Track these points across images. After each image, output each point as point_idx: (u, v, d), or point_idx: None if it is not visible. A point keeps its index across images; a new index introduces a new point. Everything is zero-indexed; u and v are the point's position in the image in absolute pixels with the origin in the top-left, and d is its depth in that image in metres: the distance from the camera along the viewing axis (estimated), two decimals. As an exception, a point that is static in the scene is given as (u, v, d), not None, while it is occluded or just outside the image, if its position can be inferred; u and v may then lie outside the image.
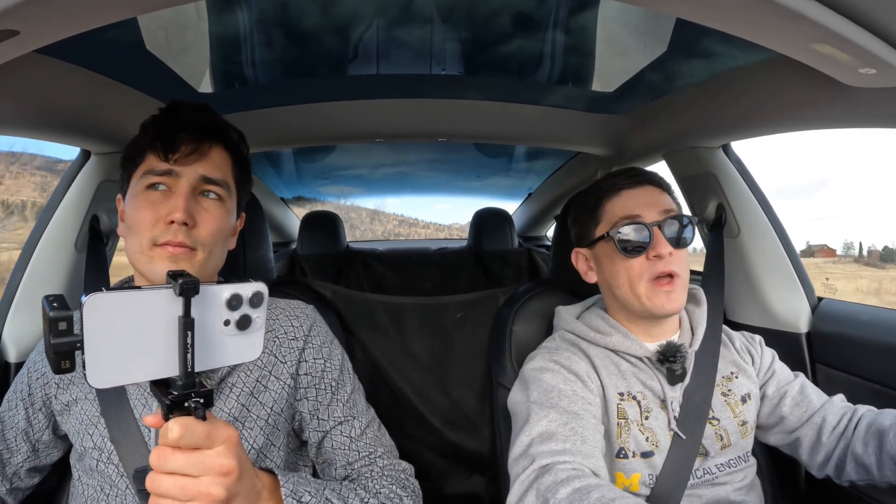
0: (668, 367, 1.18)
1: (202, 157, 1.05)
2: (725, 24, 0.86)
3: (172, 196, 1.02)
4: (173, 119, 1.06)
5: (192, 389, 0.64)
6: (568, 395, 1.09)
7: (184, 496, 0.65)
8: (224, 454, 0.67)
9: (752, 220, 1.65)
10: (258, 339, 0.70)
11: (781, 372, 1.28)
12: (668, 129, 1.75)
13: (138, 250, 1.01)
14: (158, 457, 0.65)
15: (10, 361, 1.41)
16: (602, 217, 1.23)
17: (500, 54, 1.61)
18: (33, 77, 1.14)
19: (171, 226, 0.99)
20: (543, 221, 3.78)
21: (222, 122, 1.12)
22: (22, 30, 0.76)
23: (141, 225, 1.01)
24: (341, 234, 3.12)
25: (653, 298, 1.15)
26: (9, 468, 1.12)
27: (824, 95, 1.13)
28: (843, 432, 1.15)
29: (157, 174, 1.02)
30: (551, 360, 1.18)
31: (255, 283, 0.67)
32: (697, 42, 1.33)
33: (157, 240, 1.00)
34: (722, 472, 1.16)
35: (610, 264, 1.21)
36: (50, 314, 0.57)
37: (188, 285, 0.60)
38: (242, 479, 0.71)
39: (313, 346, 1.17)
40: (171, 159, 1.02)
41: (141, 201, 1.02)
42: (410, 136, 2.15)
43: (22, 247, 1.51)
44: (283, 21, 1.40)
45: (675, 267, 1.14)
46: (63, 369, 0.58)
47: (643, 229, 1.15)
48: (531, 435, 1.03)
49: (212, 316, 0.65)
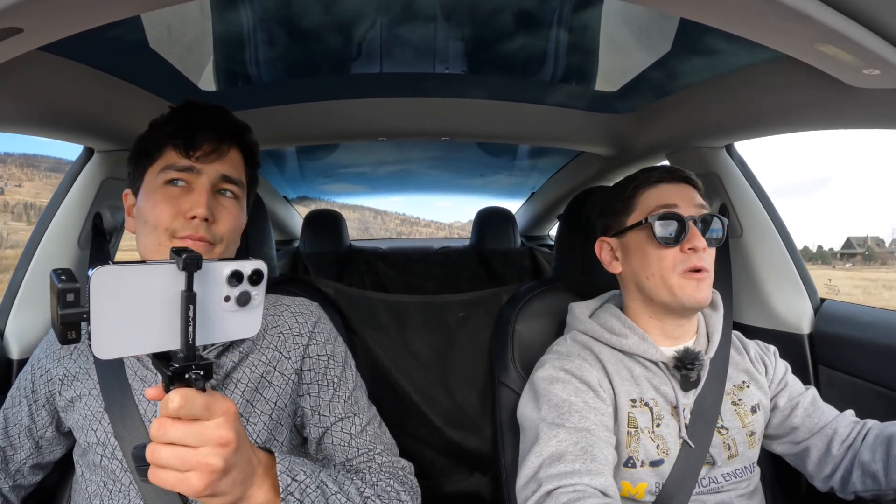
0: (684, 373, 1.17)
1: (221, 156, 1.08)
2: (729, 24, 0.86)
3: (192, 192, 1.05)
4: (194, 117, 1.09)
5: (192, 362, 0.66)
6: (579, 409, 1.08)
7: (182, 466, 0.66)
8: (223, 426, 0.68)
9: (755, 220, 1.65)
10: (257, 316, 0.71)
11: (794, 384, 1.27)
12: (672, 128, 1.75)
13: (155, 243, 1.03)
14: (158, 427, 0.66)
15: (13, 358, 1.41)
16: (636, 206, 1.22)
17: (504, 53, 1.60)
18: (36, 75, 1.14)
19: (192, 221, 1.02)
20: (546, 220, 3.78)
21: (241, 124, 1.16)
22: (25, 27, 0.76)
23: (159, 218, 1.03)
24: (344, 233, 3.13)
25: (684, 288, 1.13)
26: (12, 465, 1.12)
27: (828, 96, 1.13)
28: (852, 444, 1.15)
29: (177, 170, 1.05)
30: (562, 368, 1.17)
31: (255, 260, 0.69)
32: (701, 42, 1.32)
33: (177, 232, 1.02)
34: (727, 481, 1.15)
35: (640, 254, 1.19)
36: (59, 286, 0.58)
37: (191, 260, 0.62)
38: (239, 451, 0.72)
39: (317, 343, 1.18)
40: (192, 156, 1.05)
41: (160, 196, 1.04)
42: (413, 135, 2.15)
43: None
44: (286, 19, 1.40)
45: (706, 263, 1.14)
46: (69, 339, 0.60)
47: (680, 220, 1.15)
48: (542, 456, 1.03)
49: (213, 291, 0.66)
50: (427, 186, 4.13)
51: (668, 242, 1.15)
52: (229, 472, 0.70)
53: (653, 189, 1.21)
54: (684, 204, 1.17)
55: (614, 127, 1.99)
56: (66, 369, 1.10)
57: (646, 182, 1.22)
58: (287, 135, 2.03)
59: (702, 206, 1.19)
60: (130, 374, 1.07)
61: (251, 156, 1.18)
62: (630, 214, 1.23)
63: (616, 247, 1.27)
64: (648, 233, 1.17)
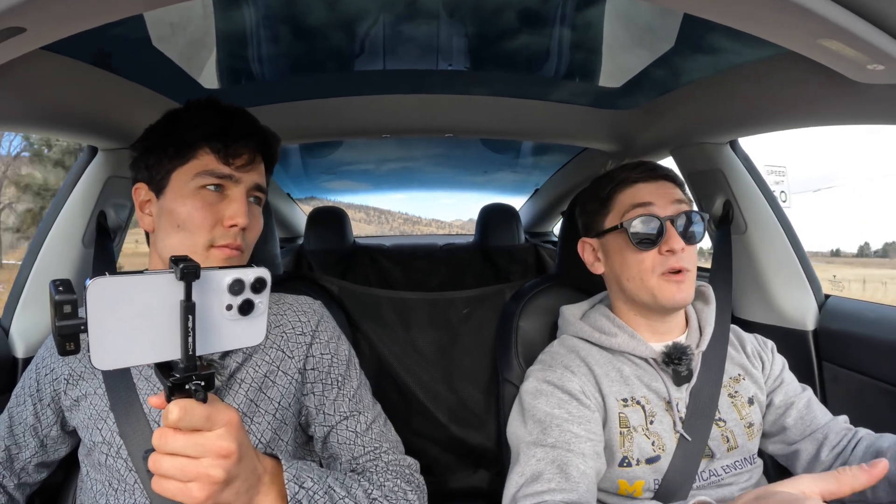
0: (674, 368, 1.17)
1: (256, 166, 1.11)
2: (732, 20, 0.86)
3: (229, 199, 1.06)
4: (234, 122, 1.09)
5: (193, 372, 0.65)
6: (560, 423, 1.09)
7: (183, 477, 0.67)
8: (224, 437, 0.68)
9: (760, 216, 1.64)
10: (261, 325, 0.70)
11: (790, 382, 1.27)
12: (676, 124, 1.74)
13: (191, 249, 1.03)
14: (160, 437, 0.67)
15: (18, 357, 1.42)
16: (613, 207, 1.21)
17: (507, 49, 1.60)
18: (40, 74, 1.14)
19: (231, 229, 1.04)
20: (550, 217, 3.78)
21: (275, 136, 1.18)
22: (28, 27, 0.76)
23: (199, 225, 1.03)
24: (348, 230, 3.12)
25: (663, 291, 1.14)
26: (17, 463, 1.13)
27: (832, 92, 1.12)
28: (842, 452, 1.15)
29: (217, 176, 1.06)
30: (545, 380, 1.17)
31: (257, 268, 0.68)
32: (704, 38, 1.32)
33: (216, 241, 1.04)
34: (728, 473, 1.15)
35: (619, 256, 1.19)
36: (56, 297, 0.58)
37: (189, 270, 0.61)
38: (242, 461, 0.72)
39: (320, 342, 1.18)
40: (232, 165, 1.06)
41: (198, 202, 1.05)
42: (417, 132, 2.15)
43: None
44: (289, 16, 1.40)
45: (685, 263, 1.14)
46: (68, 351, 0.59)
47: (656, 222, 1.14)
48: (523, 476, 1.05)
49: (214, 300, 0.66)
50: (430, 183, 4.12)
51: (645, 245, 1.15)
52: (232, 483, 0.70)
53: (630, 189, 1.20)
54: (661, 202, 1.16)
55: (618, 123, 1.98)
56: (71, 368, 1.10)
57: (623, 182, 1.21)
58: (290, 132, 2.03)
59: (681, 203, 1.18)
60: (135, 374, 1.07)
61: (272, 164, 1.21)
62: (608, 216, 1.23)
63: (597, 247, 1.27)
64: (625, 236, 1.17)
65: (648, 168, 1.22)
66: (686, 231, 1.15)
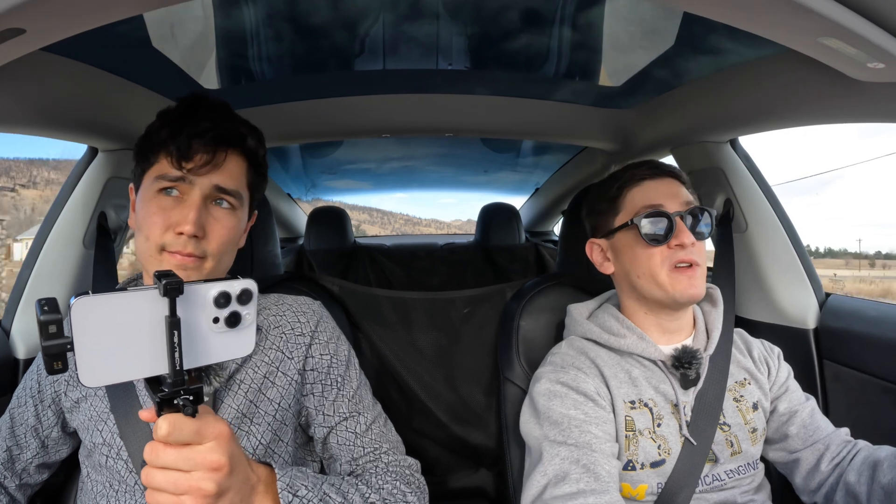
0: (682, 372, 1.17)
1: (217, 167, 1.03)
2: (732, 19, 0.86)
3: (184, 203, 1.01)
4: (190, 122, 1.03)
5: (181, 387, 0.65)
6: (579, 424, 1.08)
7: (175, 490, 0.67)
8: (214, 450, 0.68)
9: (760, 215, 1.64)
10: (249, 336, 0.70)
11: (795, 391, 1.27)
12: (676, 123, 1.74)
13: (147, 252, 1.02)
14: (151, 452, 0.67)
15: (20, 358, 1.42)
16: (622, 207, 1.22)
17: (508, 49, 1.60)
18: (40, 75, 1.14)
19: (180, 236, 0.99)
20: (551, 216, 3.78)
21: (240, 129, 1.09)
22: (28, 28, 0.76)
23: (151, 229, 1.01)
24: (348, 230, 3.12)
25: (675, 284, 1.14)
26: (18, 464, 1.13)
27: (832, 90, 1.12)
28: (840, 462, 1.15)
29: (169, 180, 1.02)
30: (558, 381, 1.16)
31: (243, 280, 0.67)
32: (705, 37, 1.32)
33: (167, 247, 1.00)
34: (731, 478, 1.15)
35: (630, 253, 1.20)
36: (41, 318, 0.58)
37: (172, 286, 0.61)
38: (234, 474, 0.72)
39: (320, 342, 1.17)
40: (184, 168, 1.01)
41: (153, 206, 1.02)
42: (417, 132, 2.14)
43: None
44: (289, 16, 1.40)
45: (695, 256, 1.15)
46: (56, 370, 0.59)
47: (666, 219, 1.15)
48: (547, 476, 1.04)
49: (200, 314, 0.66)
50: (431, 183, 4.12)
51: (655, 241, 1.15)
52: (224, 495, 0.70)
53: (638, 188, 1.21)
54: (670, 200, 1.17)
55: (618, 122, 1.98)
56: (71, 370, 1.10)
57: (630, 181, 1.22)
58: (291, 132, 2.03)
59: (688, 201, 1.19)
60: None
61: (255, 159, 1.13)
62: (617, 215, 1.23)
63: (606, 247, 1.28)
64: (636, 233, 1.17)
65: (654, 166, 1.23)
66: (694, 227, 1.16)
